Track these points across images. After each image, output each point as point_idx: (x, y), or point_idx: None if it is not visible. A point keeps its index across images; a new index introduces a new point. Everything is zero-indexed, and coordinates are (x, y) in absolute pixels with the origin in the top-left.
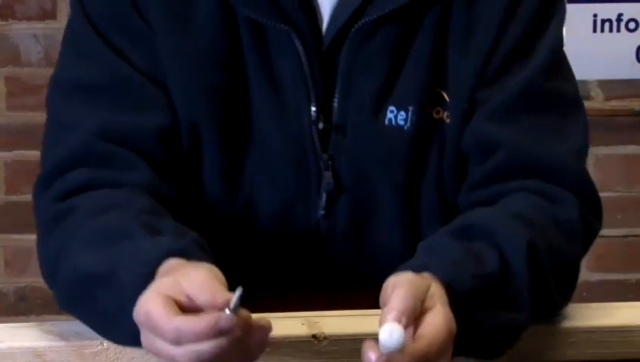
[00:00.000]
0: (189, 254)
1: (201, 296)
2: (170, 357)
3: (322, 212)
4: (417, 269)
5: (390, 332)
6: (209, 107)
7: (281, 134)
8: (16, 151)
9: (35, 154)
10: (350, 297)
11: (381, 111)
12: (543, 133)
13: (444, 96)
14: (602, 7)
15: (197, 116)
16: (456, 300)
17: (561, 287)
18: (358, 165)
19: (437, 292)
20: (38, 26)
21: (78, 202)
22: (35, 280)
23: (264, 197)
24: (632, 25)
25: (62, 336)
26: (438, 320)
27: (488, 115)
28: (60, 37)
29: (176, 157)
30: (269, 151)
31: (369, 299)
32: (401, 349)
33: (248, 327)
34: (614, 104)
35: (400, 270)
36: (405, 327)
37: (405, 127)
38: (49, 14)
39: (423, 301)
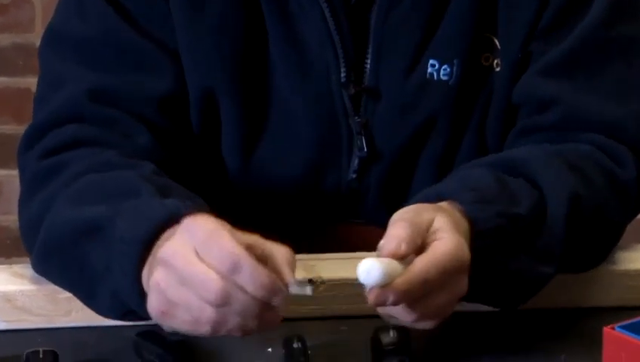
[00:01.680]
0: None
1: (276, 250)
2: (199, 273)
3: (353, 176)
4: (436, 197)
5: (368, 269)
6: (226, 72)
7: (305, 98)
8: None
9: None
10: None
11: (420, 66)
12: (604, 89)
13: (494, 42)
14: None
15: (213, 82)
16: (477, 236)
17: (600, 245)
18: (394, 131)
19: (444, 224)
20: None
21: (69, 158)
22: (2, 218)
23: (287, 164)
24: None
25: (33, 280)
26: (440, 245)
27: (544, 70)
28: None
29: (180, 127)
30: (291, 117)
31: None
32: (382, 284)
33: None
34: None
35: (417, 197)
36: (404, 256)
37: (450, 82)
38: None
39: (425, 230)
